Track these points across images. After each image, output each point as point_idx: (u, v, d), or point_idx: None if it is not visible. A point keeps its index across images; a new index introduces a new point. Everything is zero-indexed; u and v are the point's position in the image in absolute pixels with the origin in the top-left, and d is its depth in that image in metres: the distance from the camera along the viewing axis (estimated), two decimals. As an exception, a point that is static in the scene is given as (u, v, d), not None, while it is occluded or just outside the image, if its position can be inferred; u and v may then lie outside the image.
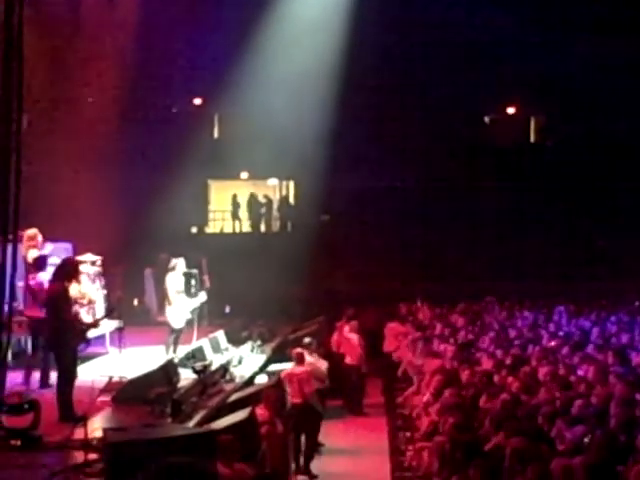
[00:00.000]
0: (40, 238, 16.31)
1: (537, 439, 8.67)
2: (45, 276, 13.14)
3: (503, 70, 31.46)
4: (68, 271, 11.72)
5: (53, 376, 12.15)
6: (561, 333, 17.08)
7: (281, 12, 26.89)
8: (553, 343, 15.39)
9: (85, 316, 12.85)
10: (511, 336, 16.93)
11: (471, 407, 10.77)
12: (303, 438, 14.40)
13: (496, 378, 12.11)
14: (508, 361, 13.41)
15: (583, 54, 30.35)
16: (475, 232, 29.82)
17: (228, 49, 27.62)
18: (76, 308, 11.70)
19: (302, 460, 14.21)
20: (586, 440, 8.33)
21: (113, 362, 14.83)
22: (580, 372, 12.05)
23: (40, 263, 13.94)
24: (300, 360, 14.81)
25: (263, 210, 35.18)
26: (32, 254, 15.30)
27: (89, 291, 14.33)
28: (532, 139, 36.82)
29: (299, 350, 15.15)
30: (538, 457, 8.03)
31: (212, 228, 35.68)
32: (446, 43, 30.76)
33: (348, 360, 18.45)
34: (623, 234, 29.42)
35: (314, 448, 14.86)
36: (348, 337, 18.69)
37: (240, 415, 10.48)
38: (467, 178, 31.47)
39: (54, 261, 16.74)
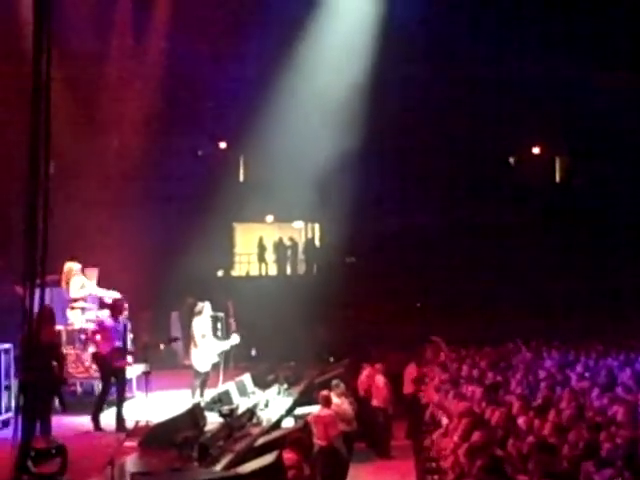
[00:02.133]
0: (77, 267, 16.60)
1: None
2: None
3: (528, 109, 31.54)
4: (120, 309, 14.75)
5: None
6: (589, 374, 16.94)
7: (303, 55, 27.10)
8: (582, 385, 15.27)
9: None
10: (539, 377, 16.82)
11: (499, 450, 10.69)
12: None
13: (524, 420, 12.02)
14: (536, 403, 13.31)
15: (607, 92, 30.35)
16: (500, 272, 29.74)
17: (252, 93, 27.85)
18: None
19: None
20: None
21: (140, 406, 14.86)
22: (609, 414, 11.94)
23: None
24: (326, 403, 14.77)
25: (289, 253, 35.24)
26: (74, 282, 15.62)
27: None
28: (557, 179, 36.81)
29: (325, 393, 15.12)
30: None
31: (238, 271, 35.74)
32: (471, 81, 30.88)
33: (375, 402, 18.41)
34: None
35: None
36: (374, 380, 18.66)
37: (267, 459, 10.45)
38: (492, 219, 31.38)
39: (84, 304, 17.00)
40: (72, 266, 16.78)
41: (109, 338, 14.53)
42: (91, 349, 16.16)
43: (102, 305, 17.05)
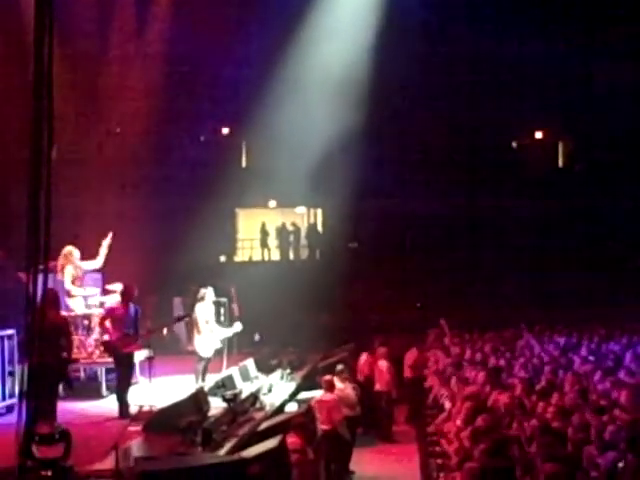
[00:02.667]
0: (77, 254, 16.55)
1: (569, 465, 8.60)
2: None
3: (530, 95, 31.50)
4: (130, 294, 14.69)
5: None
6: (592, 358, 16.95)
7: (305, 41, 27.05)
8: (585, 368, 15.27)
9: None
10: (543, 361, 16.83)
11: (503, 433, 10.70)
12: (333, 466, 14.35)
13: (527, 403, 12.03)
14: (539, 386, 13.32)
15: (610, 79, 30.34)
16: (503, 257, 29.72)
17: (255, 78, 27.81)
18: None
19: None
20: (620, 465, 8.26)
21: (143, 391, 14.87)
22: (612, 397, 11.95)
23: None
24: (329, 387, 14.80)
25: (291, 238, 35.25)
26: (68, 270, 15.58)
27: None
28: (560, 164, 36.75)
29: (328, 377, 15.14)
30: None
31: (241, 257, 35.77)
32: (473, 65, 30.84)
33: (377, 386, 18.45)
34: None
35: (344, 476, 14.81)
36: (377, 364, 18.70)
37: (271, 443, 10.45)
38: (494, 204, 31.33)
39: (83, 292, 16.98)
40: (71, 251, 16.67)
41: (119, 324, 14.54)
42: (95, 335, 16.20)
43: (106, 291, 17.06)
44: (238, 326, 16.66)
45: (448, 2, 28.67)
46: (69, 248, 16.67)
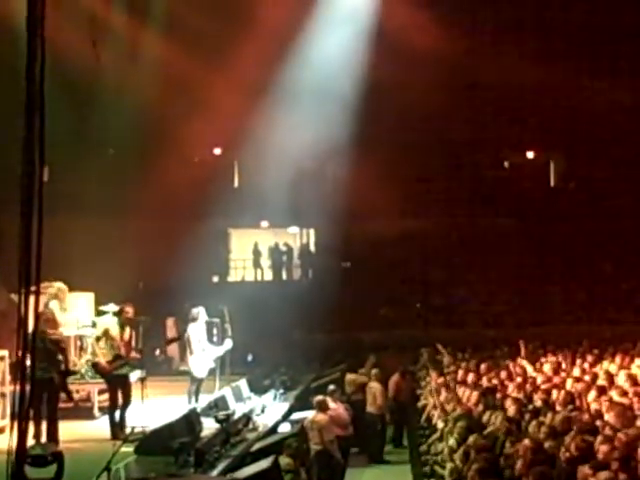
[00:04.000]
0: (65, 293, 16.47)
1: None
2: None
3: (523, 114, 31.66)
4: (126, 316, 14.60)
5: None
6: (586, 377, 16.95)
7: (298, 63, 27.15)
8: (578, 387, 15.27)
9: None
10: (536, 381, 16.82)
11: (496, 453, 10.69)
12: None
13: (520, 423, 12.03)
14: (532, 406, 13.32)
15: (604, 98, 30.47)
16: (497, 276, 29.78)
17: (248, 99, 27.87)
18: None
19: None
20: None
21: (135, 412, 14.83)
22: (605, 417, 11.95)
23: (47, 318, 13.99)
24: (322, 408, 14.78)
25: (284, 258, 35.25)
26: (53, 305, 15.46)
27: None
28: (552, 183, 36.82)
29: (321, 398, 15.13)
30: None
31: (233, 277, 35.72)
32: (468, 86, 30.99)
33: (370, 409, 18.39)
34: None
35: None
36: (369, 385, 18.67)
37: (263, 464, 10.44)
38: (487, 223, 31.41)
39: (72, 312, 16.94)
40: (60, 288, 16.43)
41: (113, 345, 14.50)
42: (87, 356, 16.15)
43: (99, 312, 17.01)
44: (229, 343, 16.61)
45: (446, 22, 28.70)
46: (57, 285, 16.37)
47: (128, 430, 13.43)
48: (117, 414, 14.12)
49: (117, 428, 13.88)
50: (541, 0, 30.80)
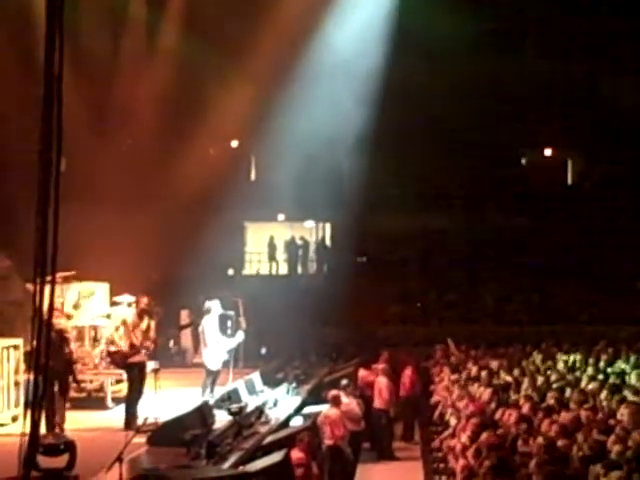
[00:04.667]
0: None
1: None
2: None
3: (540, 112, 31.57)
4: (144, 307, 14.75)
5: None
6: (600, 376, 16.92)
7: (316, 59, 27.12)
8: (591, 386, 15.25)
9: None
10: (550, 379, 16.80)
11: (508, 450, 10.69)
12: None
13: (533, 421, 12.02)
14: (545, 404, 13.30)
15: (623, 98, 30.38)
16: (512, 274, 29.72)
17: (264, 92, 27.87)
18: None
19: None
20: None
21: (149, 403, 14.88)
22: (618, 416, 11.92)
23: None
24: (335, 402, 14.77)
25: (300, 252, 35.24)
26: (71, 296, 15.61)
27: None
28: (569, 181, 36.76)
29: (335, 392, 15.12)
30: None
31: (248, 270, 35.74)
32: (484, 84, 30.91)
33: (377, 404, 18.36)
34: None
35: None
36: (377, 381, 18.66)
37: (275, 457, 10.45)
38: (503, 220, 31.33)
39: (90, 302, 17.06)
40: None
41: (130, 336, 14.58)
42: (101, 347, 16.22)
43: (114, 303, 17.10)
44: (240, 335, 16.64)
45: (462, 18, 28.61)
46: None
47: (141, 421, 13.51)
48: (132, 404, 14.20)
49: (132, 418, 13.95)
50: (563, 1, 30.57)
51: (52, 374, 13.31)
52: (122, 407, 14.55)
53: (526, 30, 30.17)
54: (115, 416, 14.41)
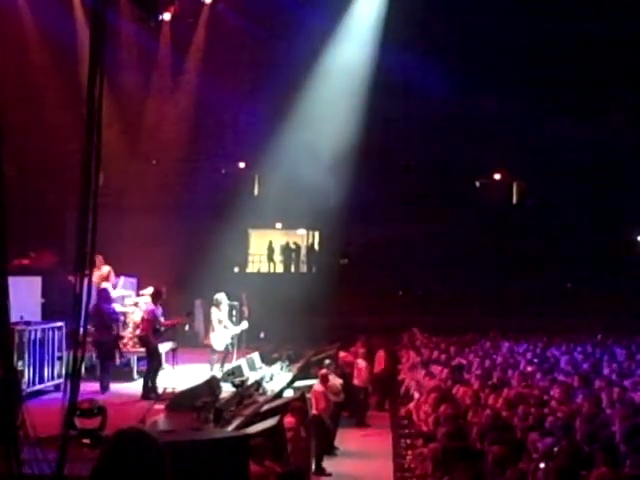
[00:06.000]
0: (112, 275, 16.58)
1: (515, 448, 8.58)
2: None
3: (492, 143, 31.66)
4: (160, 296, 14.91)
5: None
6: (536, 360, 16.93)
7: (309, 93, 27.18)
8: (530, 368, 15.26)
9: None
10: (495, 362, 16.80)
11: (461, 420, 10.68)
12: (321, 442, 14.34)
13: (482, 396, 12.01)
14: (491, 382, 13.30)
15: (557, 133, 30.51)
16: (467, 274, 29.79)
17: (267, 123, 27.92)
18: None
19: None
20: (555, 449, 8.23)
21: (167, 376, 14.85)
22: (551, 393, 11.93)
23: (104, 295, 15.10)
24: (323, 380, 14.84)
25: (293, 255, 35.27)
26: (107, 285, 15.55)
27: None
28: (514, 200, 36.91)
29: (324, 372, 15.16)
30: (515, 463, 7.96)
31: (251, 268, 35.72)
32: (446, 119, 31.00)
33: (356, 382, 18.40)
34: (587, 278, 29.48)
35: (329, 451, 14.81)
36: (356, 362, 18.72)
37: (270, 422, 10.44)
38: (461, 231, 31.36)
39: (122, 293, 17.00)
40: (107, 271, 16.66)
41: (150, 321, 14.59)
42: (130, 329, 16.17)
43: (139, 294, 17.07)
44: (245, 324, 16.72)
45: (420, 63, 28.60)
46: (107, 268, 16.60)
47: (161, 390, 13.47)
48: (152, 378, 14.17)
49: (149, 389, 13.91)
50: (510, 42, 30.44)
51: (103, 348, 14.58)
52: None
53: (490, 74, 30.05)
54: (139, 387, 14.36)
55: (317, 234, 36.40)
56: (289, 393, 14.47)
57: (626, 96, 31.04)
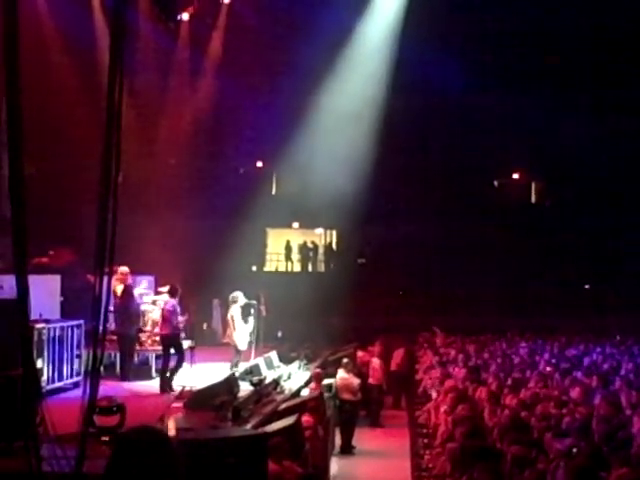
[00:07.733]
0: (129, 276, 16.60)
1: (533, 448, 8.54)
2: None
3: (511, 143, 31.59)
4: (175, 293, 15.05)
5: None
6: (554, 361, 16.88)
7: (327, 92, 27.20)
8: (548, 369, 15.20)
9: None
10: (513, 362, 16.76)
11: (479, 420, 10.66)
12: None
13: (500, 396, 11.98)
14: (510, 382, 13.26)
15: (576, 132, 30.35)
16: (485, 275, 29.68)
17: (285, 122, 27.93)
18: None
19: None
20: (574, 450, 8.20)
21: (186, 375, 14.88)
22: (570, 393, 11.89)
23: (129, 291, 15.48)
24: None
25: (311, 254, 35.26)
26: (119, 288, 15.50)
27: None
28: (533, 200, 36.78)
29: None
30: (533, 463, 7.93)
31: (269, 267, 35.75)
32: (465, 119, 30.96)
33: (371, 380, 18.40)
34: (606, 279, 29.32)
35: (348, 450, 14.85)
36: (372, 361, 18.72)
37: (288, 421, 10.44)
38: (479, 230, 31.26)
39: (140, 291, 17.08)
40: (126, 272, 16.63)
41: (169, 318, 14.67)
42: (148, 328, 16.22)
43: (157, 292, 17.12)
44: (251, 322, 16.52)
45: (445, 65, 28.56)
46: (125, 269, 16.46)
47: (179, 389, 13.50)
48: (170, 375, 14.24)
49: (166, 386, 13.98)
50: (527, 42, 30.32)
51: (126, 342, 15.06)
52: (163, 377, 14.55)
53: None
54: (158, 384, 14.40)
55: (334, 233, 36.39)
56: (306, 392, 14.47)
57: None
